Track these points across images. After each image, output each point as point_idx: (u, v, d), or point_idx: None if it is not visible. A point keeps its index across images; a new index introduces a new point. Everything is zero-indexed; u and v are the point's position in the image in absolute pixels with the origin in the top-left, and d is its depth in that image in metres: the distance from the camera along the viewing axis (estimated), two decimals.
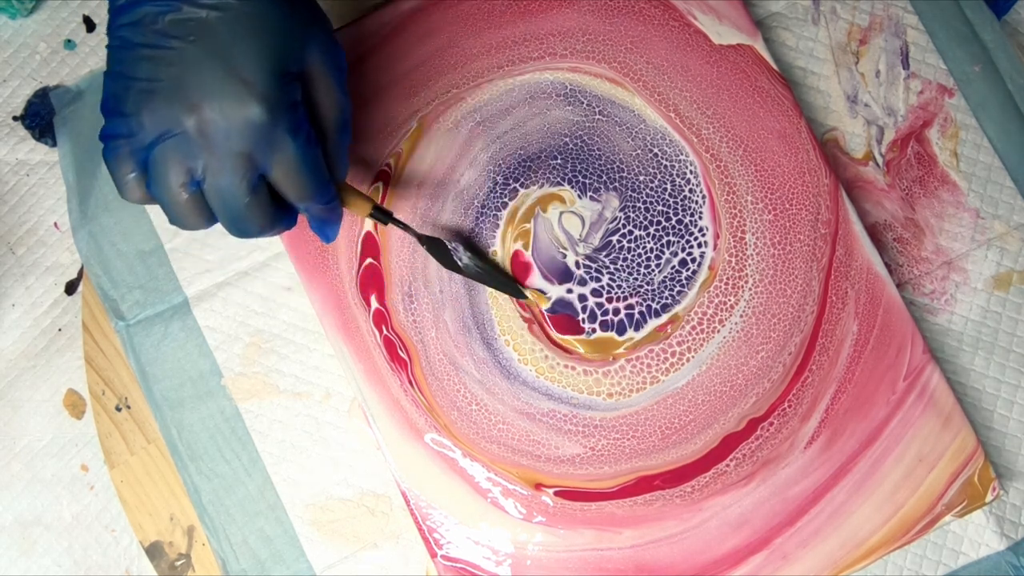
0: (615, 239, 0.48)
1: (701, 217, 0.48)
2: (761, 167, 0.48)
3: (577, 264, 0.48)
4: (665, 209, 0.48)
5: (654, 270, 0.48)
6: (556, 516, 0.46)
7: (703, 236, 0.48)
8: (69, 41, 0.54)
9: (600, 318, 0.48)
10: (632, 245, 0.48)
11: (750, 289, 0.48)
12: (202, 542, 0.50)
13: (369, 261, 0.48)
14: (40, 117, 0.53)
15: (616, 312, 0.48)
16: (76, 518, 0.51)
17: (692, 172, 0.48)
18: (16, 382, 0.52)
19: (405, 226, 0.45)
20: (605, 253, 0.48)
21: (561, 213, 0.48)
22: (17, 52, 0.54)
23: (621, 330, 0.48)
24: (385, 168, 0.49)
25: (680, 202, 0.48)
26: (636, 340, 0.47)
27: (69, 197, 0.51)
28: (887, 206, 0.51)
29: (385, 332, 0.48)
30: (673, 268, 0.48)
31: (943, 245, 0.50)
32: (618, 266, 0.48)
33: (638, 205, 0.48)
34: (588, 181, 0.49)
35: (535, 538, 0.46)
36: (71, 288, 0.53)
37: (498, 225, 0.48)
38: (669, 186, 0.48)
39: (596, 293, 0.48)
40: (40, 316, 0.53)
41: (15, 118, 0.54)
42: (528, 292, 0.47)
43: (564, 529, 0.46)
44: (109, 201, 0.51)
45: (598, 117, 0.49)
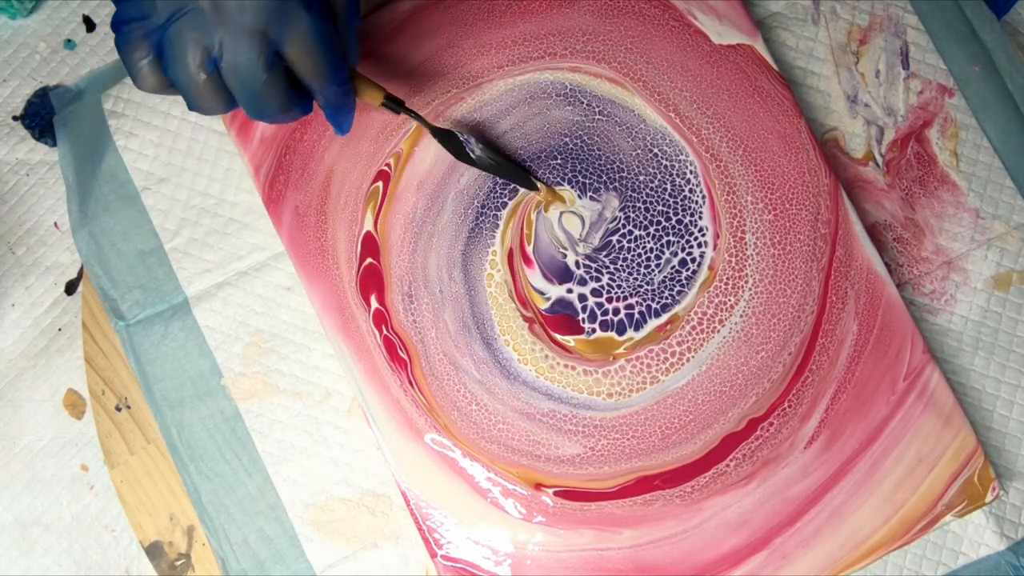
0: (615, 239, 0.48)
1: (701, 217, 0.48)
2: (761, 167, 0.48)
3: (577, 264, 0.48)
4: (665, 209, 0.48)
5: (654, 270, 0.48)
6: (556, 516, 0.46)
7: (703, 236, 0.48)
8: (69, 41, 0.54)
9: (600, 318, 0.48)
10: (632, 245, 0.48)
11: (750, 289, 0.48)
12: (202, 542, 0.50)
13: (369, 261, 0.48)
14: (40, 117, 0.53)
15: (616, 312, 0.48)
16: (76, 518, 0.51)
17: (692, 172, 0.48)
18: (16, 382, 0.52)
19: (417, 115, 0.45)
20: (605, 253, 0.48)
21: (561, 213, 0.48)
22: (17, 52, 0.54)
23: (621, 330, 0.48)
24: (385, 168, 0.49)
25: (680, 202, 0.48)
26: (636, 340, 0.47)
27: (69, 197, 0.51)
28: (887, 206, 0.51)
29: (385, 332, 0.48)
30: (673, 268, 0.48)
31: (943, 245, 0.50)
32: (618, 266, 0.48)
33: (638, 205, 0.48)
34: (588, 181, 0.49)
35: (535, 538, 0.46)
36: (71, 288, 0.53)
37: (498, 225, 0.48)
38: (669, 186, 0.48)
39: (596, 293, 0.48)
40: (40, 316, 0.53)
41: (15, 118, 0.54)
42: (540, 184, 0.47)
43: (564, 529, 0.46)
44: (109, 201, 0.51)
45: (598, 117, 0.49)
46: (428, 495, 0.46)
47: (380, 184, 0.49)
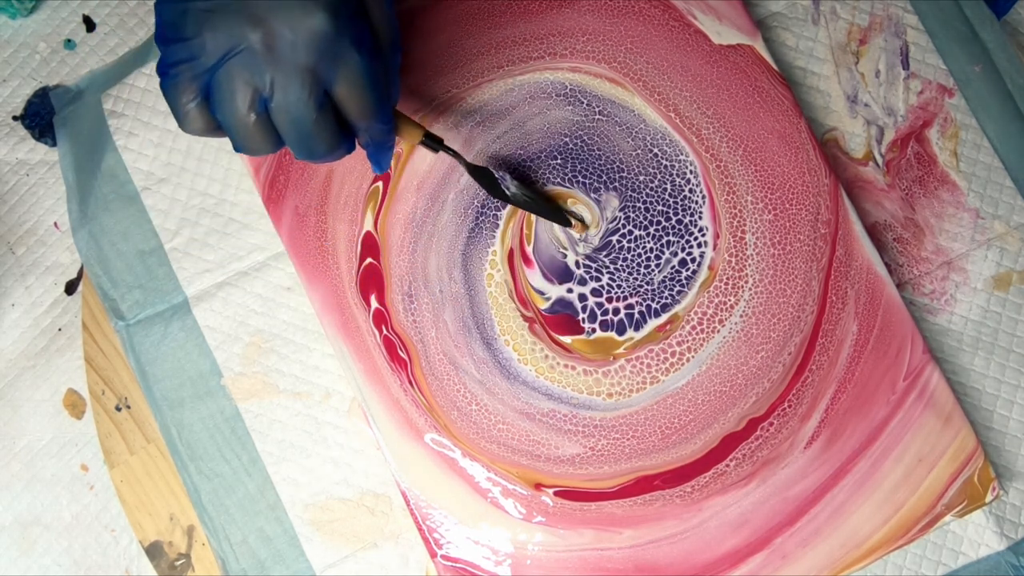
0: (615, 239, 0.48)
1: (701, 217, 0.48)
2: (761, 167, 0.48)
3: (577, 264, 0.48)
4: (665, 209, 0.48)
5: (654, 270, 0.48)
6: (556, 516, 0.46)
7: (703, 236, 0.48)
8: (69, 41, 0.54)
9: (600, 318, 0.48)
10: (632, 245, 0.48)
11: (750, 289, 0.48)
12: (202, 542, 0.50)
13: (369, 261, 0.48)
14: (40, 117, 0.53)
15: (616, 312, 0.48)
16: (76, 518, 0.51)
17: (692, 172, 0.48)
18: (16, 382, 0.52)
19: (455, 153, 0.45)
20: (605, 253, 0.48)
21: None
22: (17, 52, 0.54)
23: (621, 330, 0.48)
24: None
25: (680, 202, 0.48)
26: (636, 340, 0.47)
27: (69, 197, 0.51)
28: (887, 206, 0.51)
29: (385, 332, 0.48)
30: (673, 268, 0.48)
31: (943, 245, 0.50)
32: (618, 266, 0.48)
33: (638, 205, 0.48)
34: (588, 181, 0.49)
35: (535, 538, 0.46)
36: (71, 288, 0.53)
37: (498, 225, 0.48)
38: (669, 186, 0.48)
39: (596, 293, 0.48)
40: (40, 316, 0.53)
41: (15, 118, 0.54)
42: (573, 220, 0.47)
43: (564, 529, 0.46)
44: (109, 201, 0.51)
45: (598, 117, 0.49)
46: (428, 495, 0.46)
47: (380, 184, 0.49)
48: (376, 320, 0.48)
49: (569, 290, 0.48)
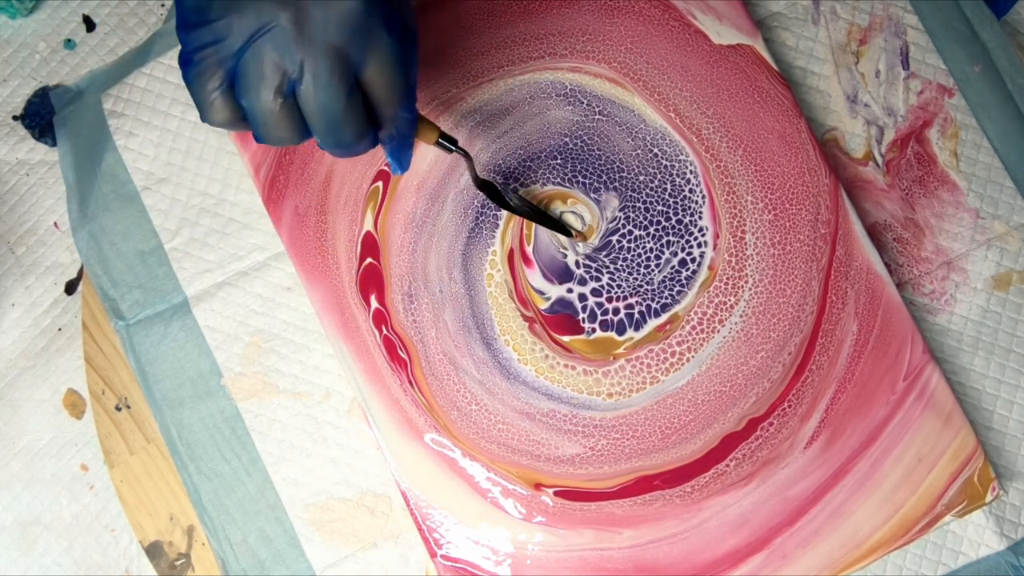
0: (615, 239, 0.48)
1: (701, 217, 0.48)
2: (761, 167, 0.48)
3: (577, 264, 0.48)
4: (665, 209, 0.48)
5: (654, 270, 0.48)
6: (556, 516, 0.46)
7: (703, 236, 0.48)
8: (69, 41, 0.54)
9: (600, 318, 0.48)
10: (632, 245, 0.48)
11: (750, 289, 0.48)
12: (202, 542, 0.50)
13: (369, 261, 0.48)
14: (40, 117, 0.53)
15: (616, 312, 0.48)
16: (76, 518, 0.51)
17: (692, 172, 0.48)
18: (16, 382, 0.52)
19: (467, 156, 0.44)
20: (605, 253, 0.48)
21: (561, 213, 0.48)
22: (17, 52, 0.54)
23: (621, 330, 0.48)
24: (385, 168, 0.49)
25: (680, 202, 0.48)
26: (636, 340, 0.47)
27: (69, 197, 0.51)
28: (887, 206, 0.51)
29: (385, 332, 0.48)
30: (673, 268, 0.48)
31: (943, 245, 0.50)
32: (618, 266, 0.48)
33: (638, 205, 0.48)
34: (588, 181, 0.49)
35: (535, 538, 0.46)
36: (71, 288, 0.53)
37: (498, 225, 0.48)
38: (669, 186, 0.48)
39: (596, 293, 0.48)
40: (40, 316, 0.53)
41: (15, 118, 0.54)
42: (573, 231, 0.48)
43: (564, 529, 0.46)
44: (109, 201, 0.51)
45: (598, 117, 0.49)
46: (428, 495, 0.46)
47: (380, 184, 0.49)
48: (376, 320, 0.48)
49: (569, 290, 0.48)
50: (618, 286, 0.48)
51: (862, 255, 0.48)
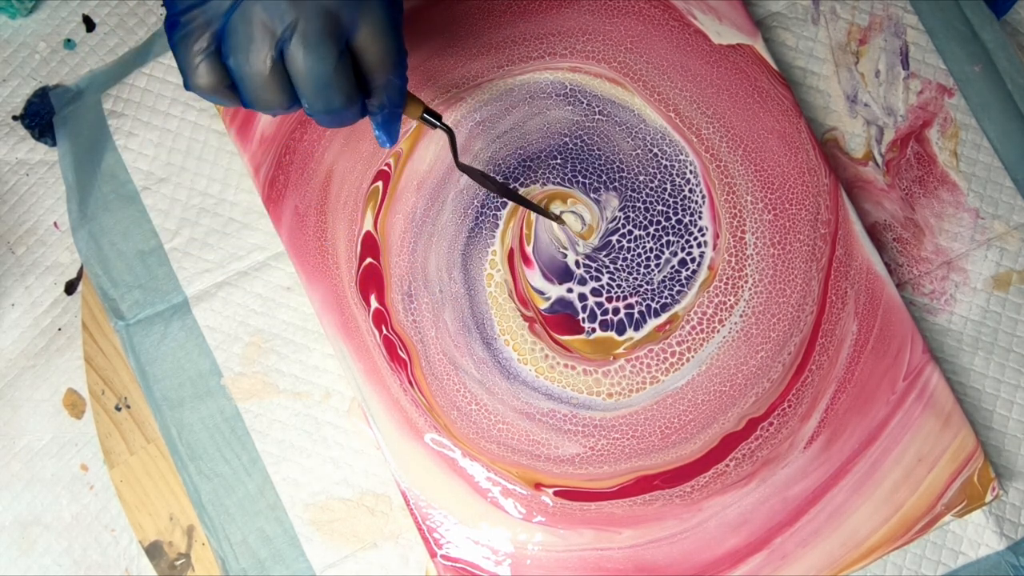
0: (615, 239, 0.48)
1: (701, 217, 0.48)
2: (761, 167, 0.48)
3: (577, 264, 0.48)
4: (665, 209, 0.48)
5: (654, 270, 0.48)
6: (556, 516, 0.46)
7: (703, 236, 0.48)
8: (69, 41, 0.54)
9: (600, 318, 0.48)
10: (632, 245, 0.48)
11: (750, 289, 0.48)
12: (202, 542, 0.50)
13: (369, 261, 0.48)
14: (40, 117, 0.53)
15: (616, 312, 0.48)
16: (76, 518, 0.51)
17: (692, 172, 0.48)
18: (16, 382, 0.52)
19: (450, 131, 0.44)
20: (605, 253, 0.48)
21: (561, 212, 0.48)
22: (17, 52, 0.54)
23: (621, 330, 0.48)
24: (385, 168, 0.49)
25: (680, 202, 0.48)
26: (636, 340, 0.47)
27: (69, 197, 0.51)
28: (887, 206, 0.50)
29: (385, 332, 0.48)
30: (673, 268, 0.48)
31: (943, 245, 0.50)
32: (618, 266, 0.48)
33: (638, 205, 0.48)
34: (588, 181, 0.49)
35: (535, 538, 0.46)
36: (71, 288, 0.53)
37: (498, 225, 0.48)
38: (669, 186, 0.48)
39: (596, 293, 0.48)
40: (40, 316, 0.53)
41: (15, 117, 0.54)
42: (553, 215, 0.48)
43: (564, 529, 0.46)
44: (109, 201, 0.51)
45: (598, 117, 0.49)
46: (428, 495, 0.46)
47: (380, 184, 0.49)
48: (376, 320, 0.48)
49: (569, 290, 0.48)
50: (618, 286, 0.48)
51: (862, 255, 0.48)
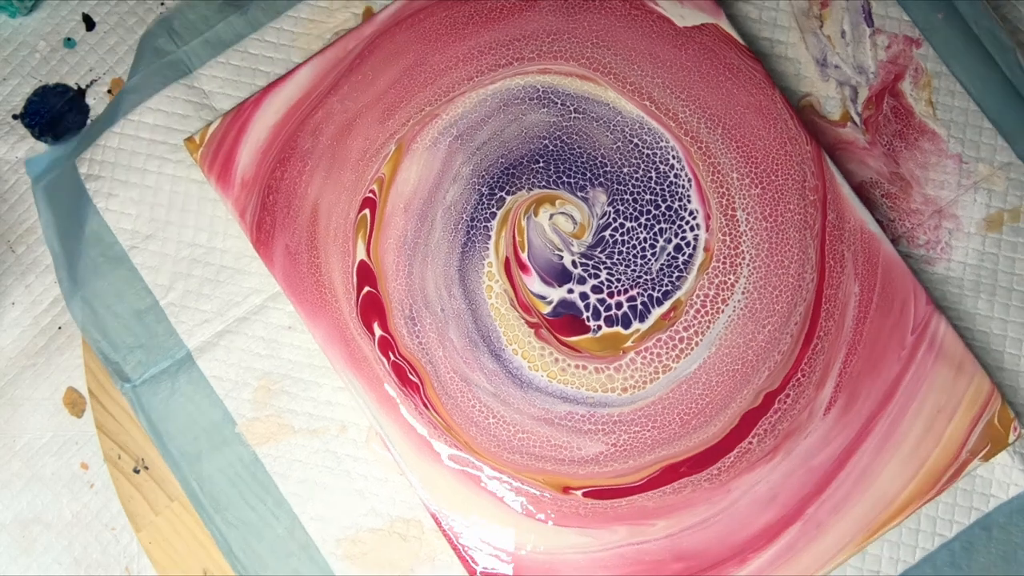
0: (607, 234, 0.48)
1: (690, 200, 0.48)
2: (742, 143, 0.49)
3: (574, 263, 0.48)
4: (653, 197, 0.48)
5: (650, 259, 0.48)
6: (587, 516, 0.46)
7: (694, 219, 0.48)
8: (69, 39, 0.55)
9: (604, 314, 0.48)
10: (625, 237, 0.48)
11: (748, 265, 0.48)
12: None
13: (367, 290, 0.48)
14: (39, 115, 0.54)
15: (619, 306, 0.48)
16: (76, 516, 0.51)
17: (675, 157, 0.49)
18: (16, 380, 0.52)
19: None
20: (600, 249, 0.48)
21: (551, 215, 0.48)
22: (17, 50, 0.55)
23: (626, 323, 0.48)
24: (370, 195, 0.49)
25: (667, 188, 0.48)
26: (643, 331, 0.47)
27: (57, 266, 0.51)
28: (871, 164, 0.51)
29: (393, 358, 0.47)
30: (669, 255, 0.48)
31: (931, 195, 0.51)
32: (615, 260, 0.48)
33: (626, 197, 0.48)
34: (573, 180, 0.49)
35: (569, 541, 0.46)
36: None
37: (489, 236, 0.48)
38: (654, 174, 0.49)
39: (596, 290, 0.48)
40: (40, 314, 0.53)
41: (15, 116, 0.54)
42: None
43: (597, 528, 0.46)
44: (98, 265, 0.51)
45: (574, 115, 0.49)
46: (458, 513, 0.46)
47: (367, 212, 0.48)
48: (382, 347, 0.48)
49: (570, 290, 0.48)
50: (617, 280, 0.48)
51: (854, 216, 0.48)
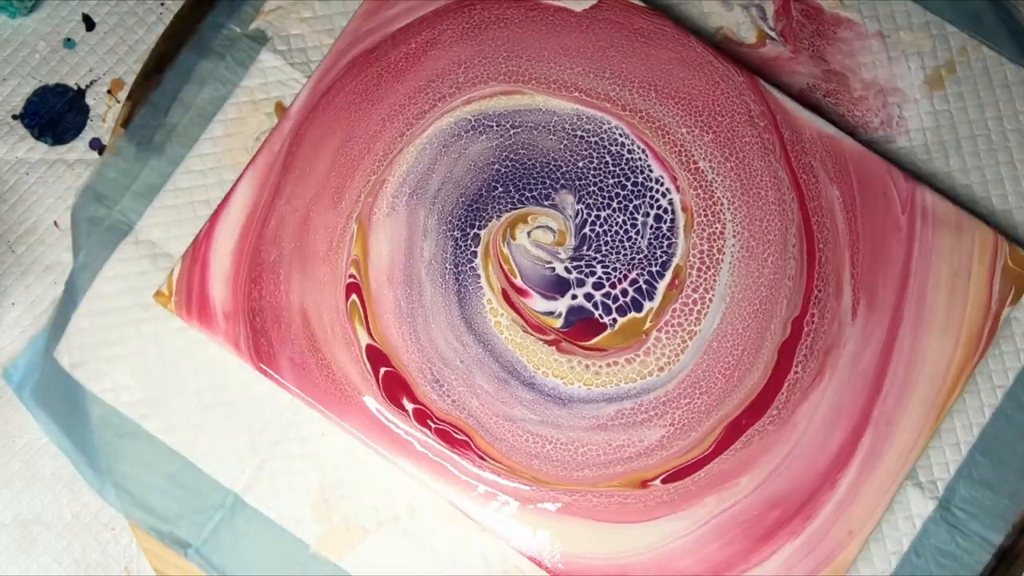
0: (587, 230, 0.48)
1: (651, 170, 0.49)
2: (678, 98, 0.49)
3: (567, 269, 0.48)
4: (616, 180, 0.49)
5: (636, 238, 0.48)
6: (673, 501, 0.46)
7: (662, 186, 0.48)
8: (69, 40, 0.55)
9: (614, 306, 0.48)
10: (605, 227, 0.48)
11: (728, 209, 0.48)
12: None
13: (384, 370, 0.48)
14: (39, 116, 0.54)
15: (624, 293, 0.48)
16: (76, 516, 0.51)
17: (621, 135, 0.49)
18: None
19: None
20: (586, 247, 0.48)
21: (529, 232, 0.48)
22: (17, 51, 0.55)
23: (638, 307, 0.48)
24: (351, 279, 0.48)
25: (625, 166, 0.49)
26: (656, 308, 0.48)
27: (76, 463, 0.50)
28: (802, 70, 0.51)
29: (434, 425, 0.47)
30: (652, 227, 0.48)
31: (868, 78, 0.51)
32: (604, 252, 0.48)
33: (591, 189, 0.49)
34: (536, 193, 0.49)
35: (666, 530, 0.46)
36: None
37: (479, 275, 0.48)
38: (608, 158, 0.49)
39: (598, 286, 0.48)
40: (40, 315, 0.53)
41: (14, 116, 0.54)
42: None
43: (686, 508, 0.46)
44: (116, 447, 0.50)
45: (513, 132, 0.49)
46: (559, 549, 0.46)
47: (354, 296, 0.48)
48: (419, 419, 0.47)
49: (573, 296, 0.48)
50: (614, 269, 0.48)
51: (807, 126, 0.48)
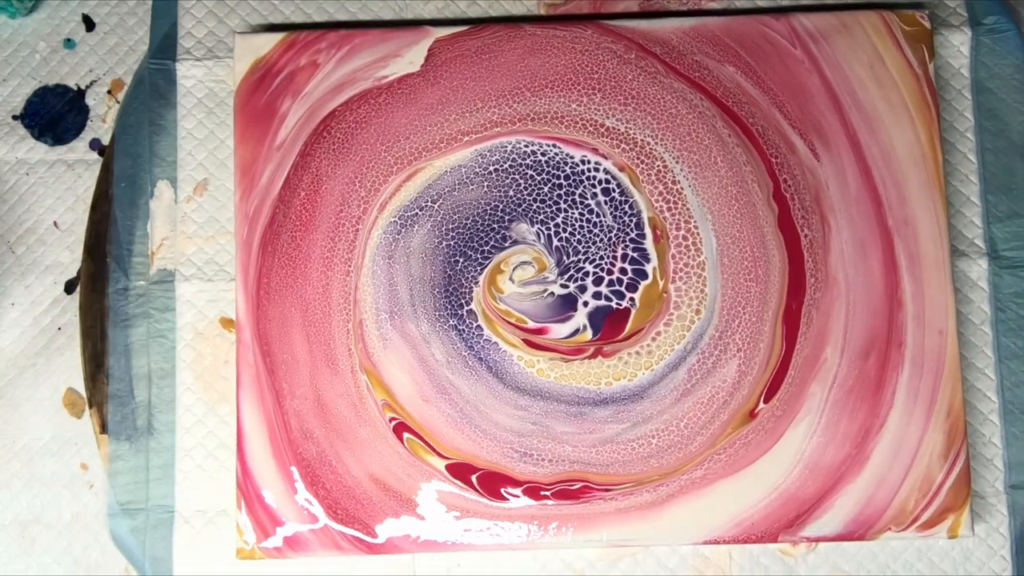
0: (557, 242, 0.48)
1: (570, 155, 0.48)
2: (548, 80, 0.48)
3: (563, 286, 0.48)
4: (549, 184, 0.48)
5: (600, 216, 0.48)
6: (786, 409, 0.47)
7: (588, 163, 0.48)
8: (69, 40, 0.54)
9: (621, 288, 0.48)
10: (570, 229, 0.48)
11: (657, 145, 0.48)
12: None
13: (476, 476, 0.47)
14: (39, 116, 0.53)
15: (623, 271, 0.48)
16: (76, 516, 0.51)
17: (527, 144, 0.48)
18: (16, 381, 0.52)
19: None
20: (566, 255, 0.48)
21: (510, 277, 0.47)
22: (17, 51, 0.54)
23: (642, 275, 0.48)
24: (394, 421, 0.47)
25: (548, 167, 0.48)
26: (657, 265, 0.48)
27: None
28: None
29: (548, 492, 0.47)
30: (607, 202, 0.48)
31: None
32: (581, 247, 0.48)
33: (533, 205, 0.48)
34: (489, 242, 0.48)
35: (796, 436, 0.47)
36: (70, 287, 0.53)
37: (496, 343, 0.47)
38: (529, 171, 0.48)
39: (597, 280, 0.48)
40: (40, 315, 0.53)
41: (15, 117, 0.54)
42: None
43: (800, 408, 0.47)
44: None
45: (436, 205, 0.47)
46: (728, 520, 0.47)
47: (407, 434, 0.47)
48: (532, 496, 0.47)
49: (585, 303, 0.48)
50: (601, 257, 0.48)
51: (668, 32, 0.48)
